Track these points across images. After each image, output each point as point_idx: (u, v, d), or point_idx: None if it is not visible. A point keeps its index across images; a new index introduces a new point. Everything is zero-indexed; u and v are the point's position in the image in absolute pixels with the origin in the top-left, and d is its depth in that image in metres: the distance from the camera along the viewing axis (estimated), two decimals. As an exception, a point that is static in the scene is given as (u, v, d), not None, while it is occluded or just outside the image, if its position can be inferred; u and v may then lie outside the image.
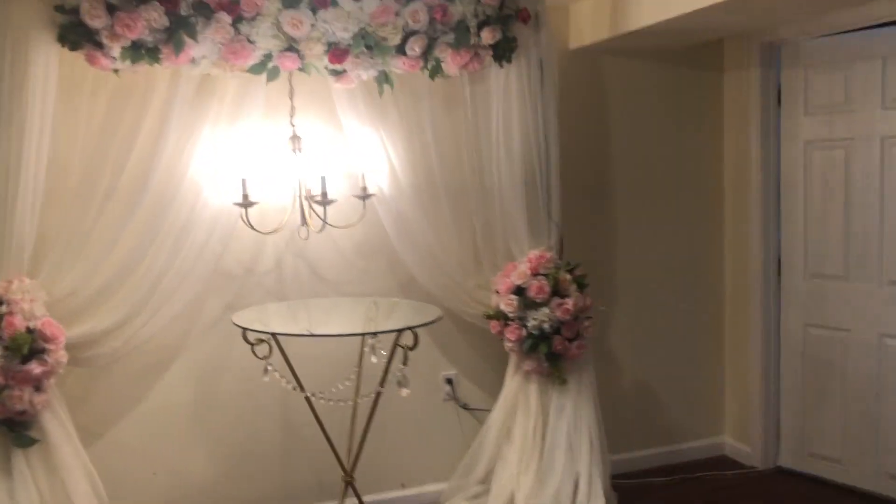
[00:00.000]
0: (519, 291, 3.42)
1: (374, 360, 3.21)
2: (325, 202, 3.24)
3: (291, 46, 3.01)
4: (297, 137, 3.34)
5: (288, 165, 3.35)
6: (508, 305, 3.41)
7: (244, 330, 3.08)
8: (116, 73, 2.94)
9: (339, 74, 3.19)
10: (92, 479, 2.96)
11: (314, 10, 2.98)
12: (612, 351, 4.17)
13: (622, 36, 3.62)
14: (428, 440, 3.85)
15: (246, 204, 3.17)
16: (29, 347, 2.72)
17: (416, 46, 3.16)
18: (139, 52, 2.83)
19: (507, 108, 3.45)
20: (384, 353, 3.20)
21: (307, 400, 3.25)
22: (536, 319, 3.39)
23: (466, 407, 3.88)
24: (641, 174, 4.16)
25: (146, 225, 3.09)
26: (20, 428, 2.77)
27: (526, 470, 3.44)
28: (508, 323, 3.44)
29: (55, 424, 2.87)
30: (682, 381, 4.33)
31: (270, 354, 3.13)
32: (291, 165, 3.34)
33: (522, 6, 3.36)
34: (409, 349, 3.12)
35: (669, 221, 4.24)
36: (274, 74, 3.09)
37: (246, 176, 3.17)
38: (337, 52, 3.06)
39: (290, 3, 2.94)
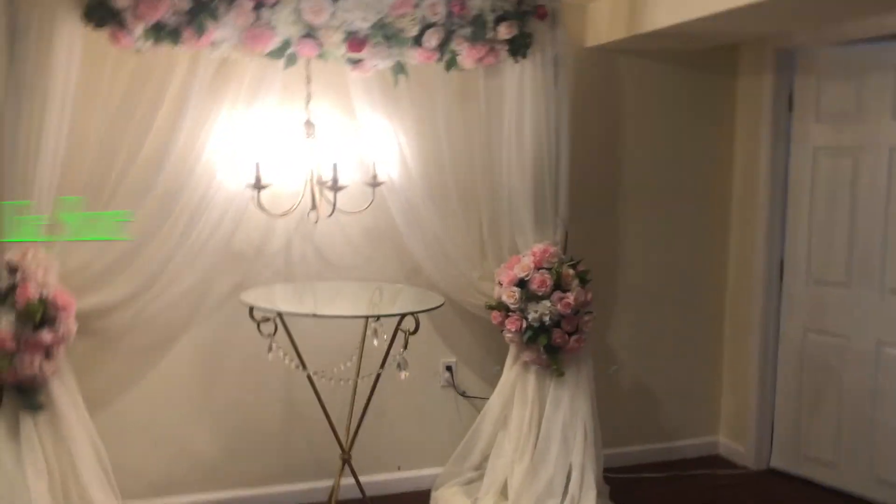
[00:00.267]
0: (521, 284, 3.45)
1: (375, 342, 3.29)
2: (335, 188, 3.29)
3: (310, 34, 3.04)
4: (311, 124, 3.38)
5: (301, 151, 3.39)
6: (510, 297, 3.44)
7: (251, 308, 3.13)
8: (138, 52, 2.98)
9: (355, 63, 3.22)
10: (96, 446, 3.01)
11: (334, -2, 3.01)
12: (611, 346, 4.21)
13: (639, 36, 3.64)
14: (425, 425, 3.90)
15: (259, 186, 3.22)
16: (41, 315, 2.77)
17: (433, 39, 3.19)
18: (161, 33, 2.87)
19: (520, 103, 3.47)
20: (386, 337, 3.26)
21: (309, 378, 3.29)
22: (537, 312, 3.41)
23: (465, 394, 3.94)
24: (649, 174, 4.19)
25: (161, 202, 3.14)
26: (29, 393, 2.83)
27: (520, 458, 3.47)
28: (509, 314, 3.47)
29: (63, 391, 2.91)
30: (679, 379, 4.37)
31: (275, 333, 3.17)
32: (305, 151, 3.38)
33: (540, 3, 3.38)
34: (410, 334, 3.17)
35: (675, 222, 4.26)
36: (292, 60, 3.14)
37: (260, 159, 3.22)
38: (355, 40, 3.09)
39: (310, -10, 2.97)
